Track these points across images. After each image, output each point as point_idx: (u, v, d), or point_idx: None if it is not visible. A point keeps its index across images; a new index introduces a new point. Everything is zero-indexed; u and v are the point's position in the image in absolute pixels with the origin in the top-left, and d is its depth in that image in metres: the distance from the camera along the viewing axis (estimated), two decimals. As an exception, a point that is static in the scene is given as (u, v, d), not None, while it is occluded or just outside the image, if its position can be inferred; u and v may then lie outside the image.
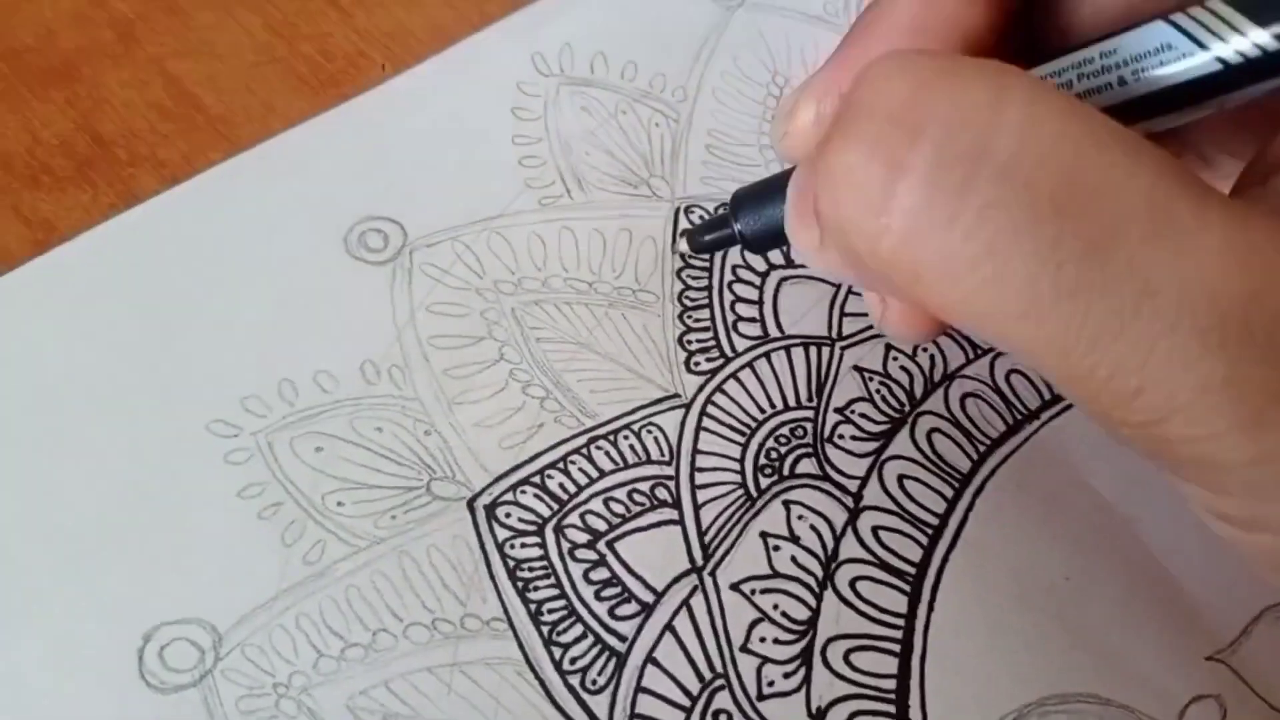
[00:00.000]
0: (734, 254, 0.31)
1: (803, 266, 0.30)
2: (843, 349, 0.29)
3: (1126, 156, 0.16)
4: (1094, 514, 0.27)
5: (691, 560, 0.26)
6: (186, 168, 0.31)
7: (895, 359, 0.29)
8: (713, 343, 0.29)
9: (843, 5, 0.35)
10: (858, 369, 0.29)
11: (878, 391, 0.29)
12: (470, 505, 0.26)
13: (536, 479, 0.27)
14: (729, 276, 0.30)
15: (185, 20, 0.34)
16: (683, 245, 0.27)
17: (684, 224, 0.31)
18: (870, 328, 0.30)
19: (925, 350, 0.30)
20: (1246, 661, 0.26)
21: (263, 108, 0.32)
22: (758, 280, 0.30)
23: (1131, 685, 0.25)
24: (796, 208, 0.21)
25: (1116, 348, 0.16)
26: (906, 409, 0.29)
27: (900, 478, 0.28)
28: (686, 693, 0.24)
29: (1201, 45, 0.18)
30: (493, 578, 0.25)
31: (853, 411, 0.28)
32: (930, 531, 0.27)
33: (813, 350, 0.29)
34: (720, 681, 0.25)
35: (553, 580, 0.25)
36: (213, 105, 0.32)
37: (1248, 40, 0.18)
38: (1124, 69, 0.19)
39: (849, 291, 0.30)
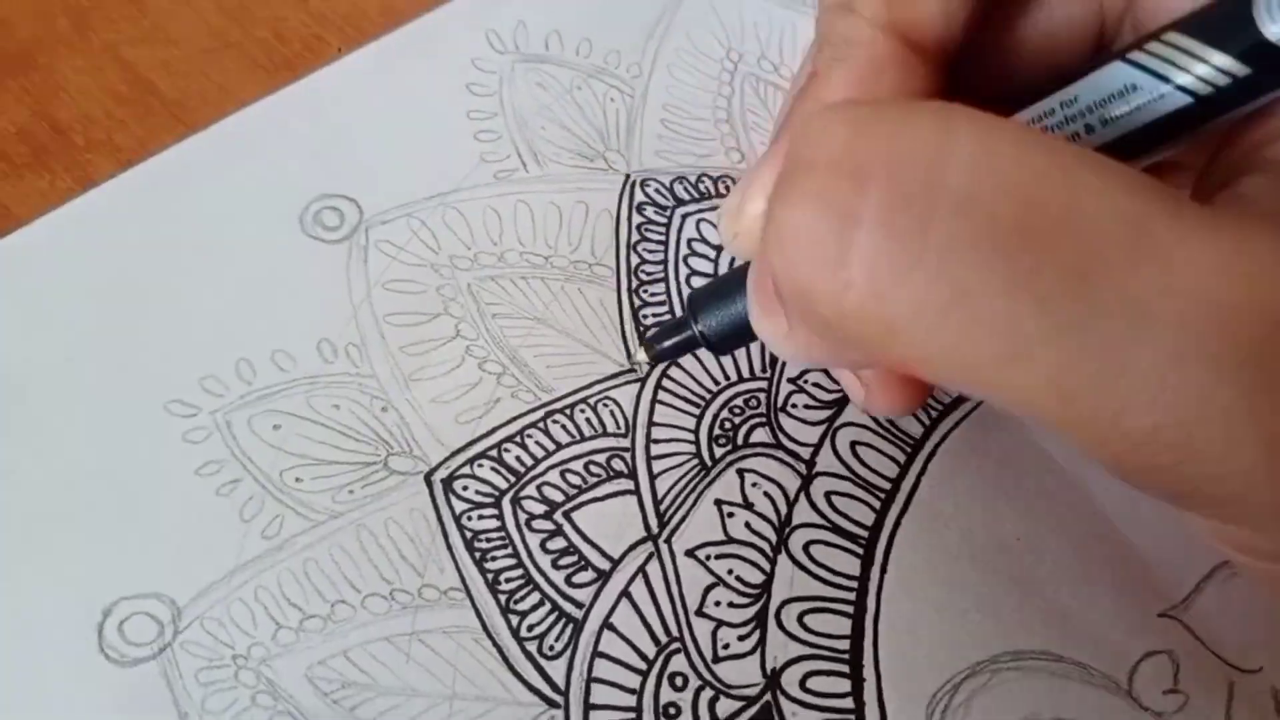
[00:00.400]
0: (690, 227, 0.31)
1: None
2: (797, 319, 0.30)
3: (1095, 176, 0.15)
4: (1045, 475, 0.28)
5: (647, 528, 0.26)
6: (143, 152, 0.31)
7: (849, 327, 0.30)
8: (669, 317, 0.30)
9: (795, -21, 0.36)
10: (812, 338, 0.29)
11: (831, 360, 0.29)
12: (428, 479, 0.26)
13: (493, 453, 0.27)
14: (684, 250, 0.31)
15: (140, 6, 0.34)
16: (641, 355, 0.26)
17: (639, 197, 0.31)
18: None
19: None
20: (1199, 618, 0.26)
21: (218, 92, 0.32)
22: (713, 254, 0.31)
23: (1084, 642, 0.26)
24: (758, 298, 0.19)
25: (1121, 384, 0.14)
26: (860, 376, 0.29)
27: (853, 444, 0.28)
28: (643, 656, 0.25)
29: (1166, 80, 0.17)
30: (450, 549, 0.26)
31: (805, 381, 0.29)
32: (882, 496, 0.27)
33: None
34: (676, 645, 0.25)
35: (510, 550, 0.26)
36: (168, 90, 0.33)
37: (1209, 67, 0.16)
38: (1089, 116, 0.18)
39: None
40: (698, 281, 0.30)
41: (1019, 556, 0.27)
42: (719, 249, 0.31)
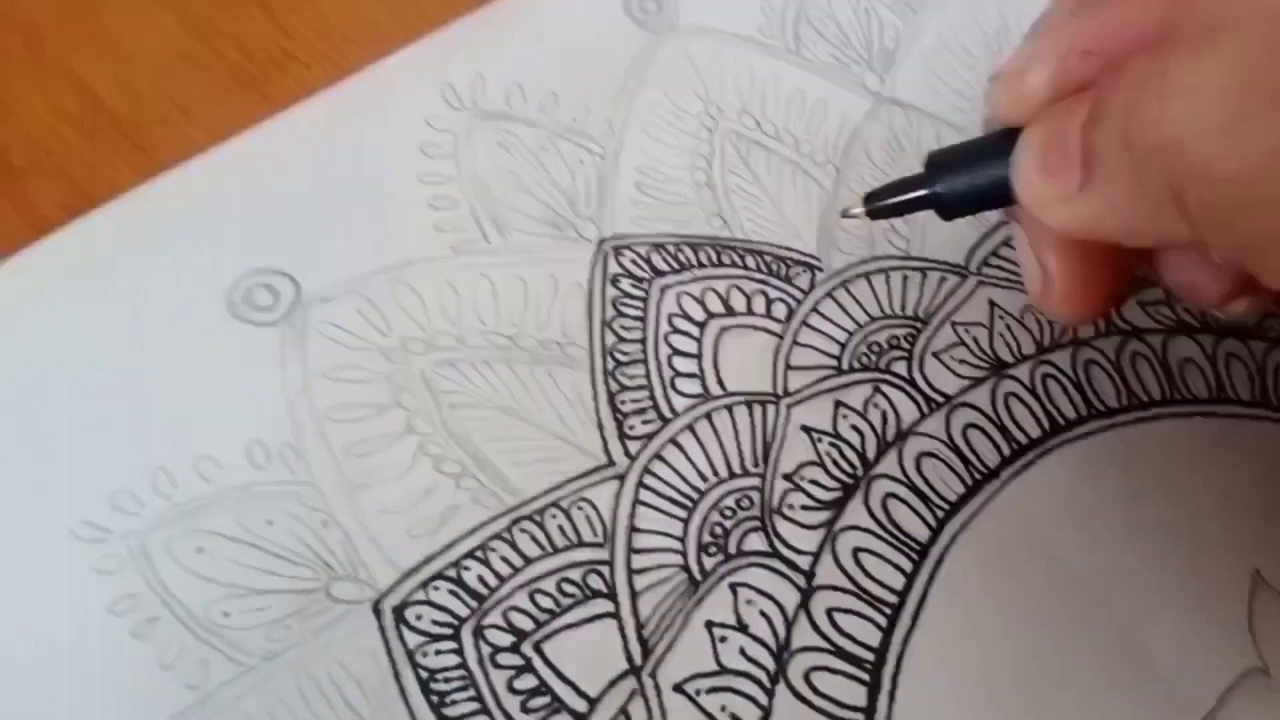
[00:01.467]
0: (670, 301, 0.28)
1: (744, 314, 0.28)
2: (789, 407, 0.27)
3: None
4: (1059, 583, 0.25)
5: (629, 659, 0.23)
6: (94, 180, 0.28)
7: (845, 416, 0.27)
8: (649, 403, 0.27)
9: (779, 25, 0.33)
10: (806, 429, 0.27)
11: (828, 454, 0.26)
12: (376, 608, 0.23)
13: (452, 572, 0.24)
14: (665, 327, 0.28)
15: (96, 21, 0.30)
16: (855, 208, 0.25)
17: (614, 269, 0.28)
18: (819, 381, 0.27)
19: (876, 407, 0.27)
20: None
21: (177, 112, 0.29)
22: (696, 331, 0.28)
23: (1107, 770, 0.23)
24: (1046, 156, 0.20)
25: None
26: (859, 473, 0.26)
27: (855, 551, 0.25)
28: (628, 815, 0.22)
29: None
30: (403, 693, 0.22)
31: (802, 478, 0.26)
32: (889, 612, 0.24)
33: (757, 409, 0.27)
34: (665, 800, 0.22)
35: (472, 693, 0.23)
36: (124, 111, 0.29)
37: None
38: None
39: (793, 343, 0.28)
40: (680, 363, 0.27)
41: (1036, 677, 0.24)
42: (703, 325, 0.28)
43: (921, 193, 0.24)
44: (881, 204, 0.24)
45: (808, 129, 0.31)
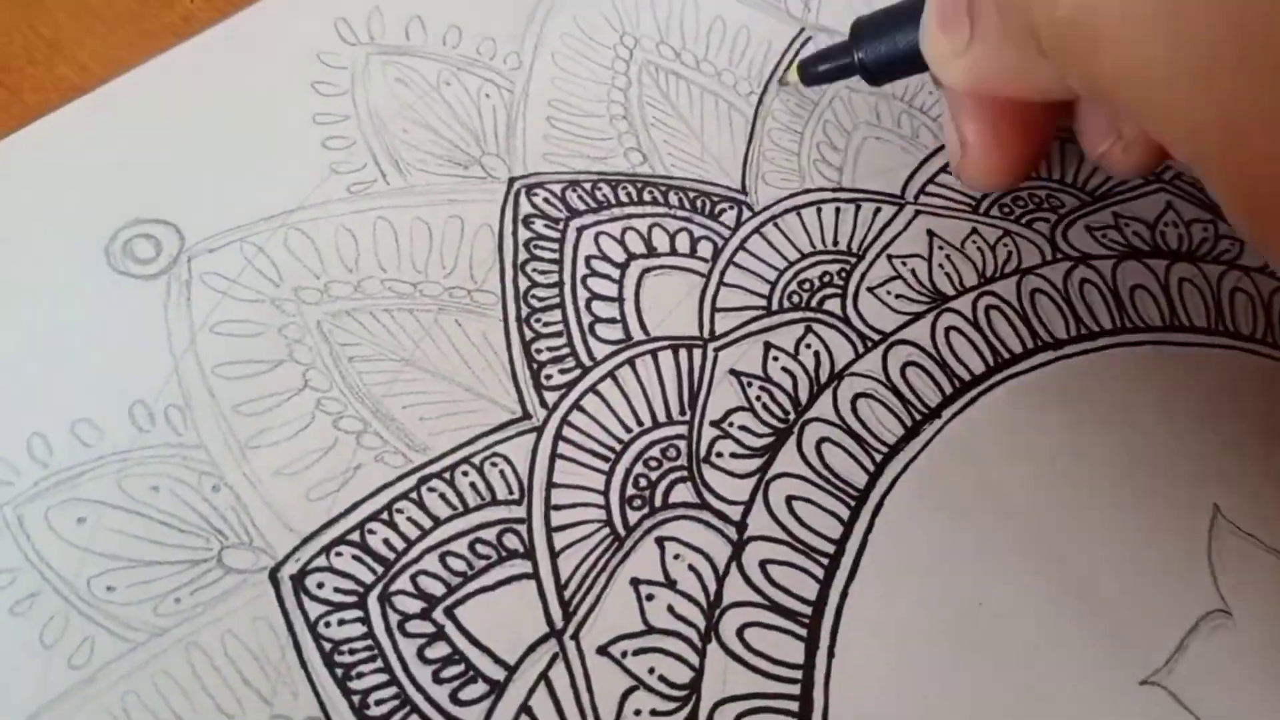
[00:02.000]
0: (587, 242, 0.26)
1: (668, 254, 0.26)
2: (716, 350, 0.25)
3: None
4: (1008, 525, 0.24)
5: (549, 622, 0.22)
6: None
7: (775, 359, 0.25)
8: (567, 350, 0.25)
9: (698, -53, 0.31)
10: (734, 373, 0.25)
11: (758, 398, 0.25)
12: (273, 576, 0.21)
13: (355, 536, 0.22)
14: (583, 269, 0.26)
15: None
16: (791, 75, 0.28)
17: (526, 208, 0.26)
18: (747, 322, 0.26)
19: (808, 348, 0.26)
20: (1184, 682, 0.23)
21: (50, 50, 0.27)
22: (616, 273, 0.26)
23: None
24: (940, 11, 0.21)
25: None
26: (791, 417, 0.25)
27: (789, 499, 0.24)
28: (549, 787, 0.20)
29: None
30: (305, 666, 0.21)
31: (731, 424, 0.24)
32: (826, 562, 0.23)
33: (682, 353, 0.25)
34: (589, 769, 0.21)
35: (380, 663, 0.21)
36: None
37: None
38: None
39: (719, 283, 0.26)
40: (599, 306, 0.25)
41: (982, 626, 0.23)
42: (623, 266, 0.26)
43: (843, 61, 0.26)
44: (813, 70, 0.27)
45: (730, 58, 0.30)
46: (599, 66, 0.29)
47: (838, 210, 0.28)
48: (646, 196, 0.27)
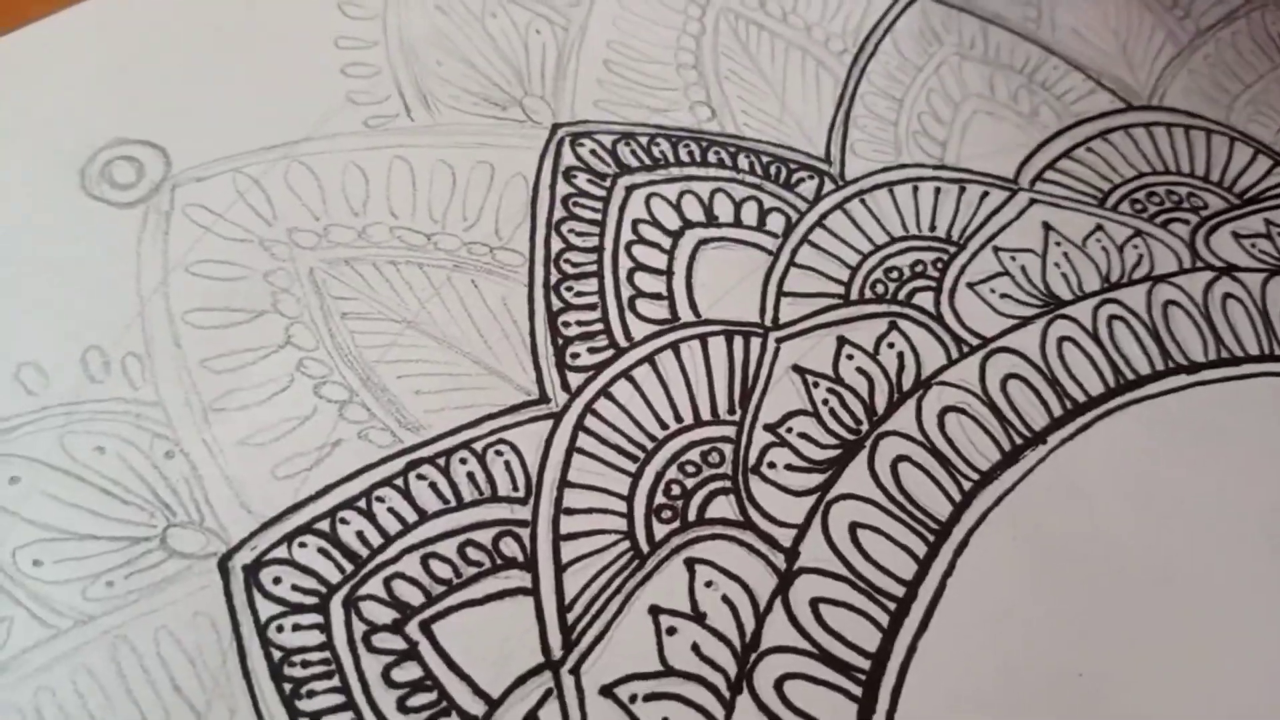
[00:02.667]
0: (637, 204, 0.23)
1: (730, 225, 0.23)
2: (779, 341, 0.22)
3: None
4: (1120, 580, 0.20)
5: (546, 650, 0.18)
6: None
7: (850, 357, 0.22)
8: (600, 326, 0.22)
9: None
10: (799, 369, 0.22)
11: (825, 402, 0.21)
12: (223, 565, 0.19)
13: (324, 525, 0.19)
14: (628, 234, 0.23)
15: None
16: None
17: (569, 160, 0.23)
18: (820, 311, 0.22)
19: (891, 347, 0.22)
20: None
21: None
22: (668, 241, 0.23)
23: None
24: None
25: None
26: (864, 428, 0.21)
27: (853, 527, 0.20)
28: None
29: None
30: (248, 676, 0.18)
31: (790, 430, 0.21)
32: (894, 607, 0.19)
33: (738, 341, 0.22)
34: (579, 840, 0.17)
35: (336, 682, 0.18)
36: None
37: None
38: None
39: (790, 263, 0.22)
40: (643, 279, 0.22)
41: (1081, 701, 0.19)
42: (677, 235, 0.22)
43: None
44: None
45: (823, 11, 0.27)
46: (669, 10, 0.26)
47: (938, 190, 0.25)
48: (711, 157, 0.24)
